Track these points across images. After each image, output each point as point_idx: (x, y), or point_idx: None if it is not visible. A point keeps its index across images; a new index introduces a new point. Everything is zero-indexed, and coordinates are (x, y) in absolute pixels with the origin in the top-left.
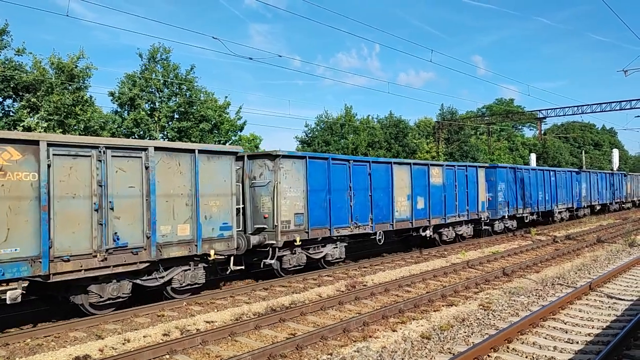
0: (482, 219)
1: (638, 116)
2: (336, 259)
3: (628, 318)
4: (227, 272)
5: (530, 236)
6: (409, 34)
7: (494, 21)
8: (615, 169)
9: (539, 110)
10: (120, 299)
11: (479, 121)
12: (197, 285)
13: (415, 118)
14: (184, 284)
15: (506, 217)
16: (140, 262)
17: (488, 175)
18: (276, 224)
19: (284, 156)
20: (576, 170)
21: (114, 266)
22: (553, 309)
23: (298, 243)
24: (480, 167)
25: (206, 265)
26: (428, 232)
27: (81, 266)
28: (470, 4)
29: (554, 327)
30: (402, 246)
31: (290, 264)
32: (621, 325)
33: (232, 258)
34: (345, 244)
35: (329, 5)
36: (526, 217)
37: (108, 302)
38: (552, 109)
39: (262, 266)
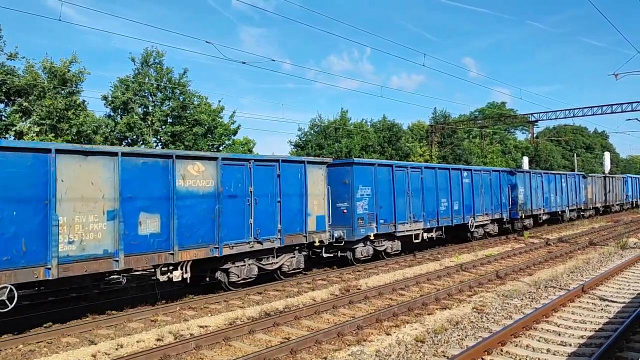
0: (318, 242)
1: (629, 119)
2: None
3: (621, 320)
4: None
5: (524, 239)
6: (402, 38)
7: (487, 25)
8: (607, 171)
9: (532, 114)
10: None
11: (471, 124)
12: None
13: (408, 122)
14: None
15: (371, 236)
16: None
17: (337, 175)
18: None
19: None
20: (510, 170)
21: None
22: (546, 312)
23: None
24: (314, 162)
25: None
26: None
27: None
28: (463, 8)
29: (548, 330)
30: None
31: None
32: (614, 328)
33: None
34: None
35: (322, 9)
36: (417, 234)
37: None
38: (544, 112)
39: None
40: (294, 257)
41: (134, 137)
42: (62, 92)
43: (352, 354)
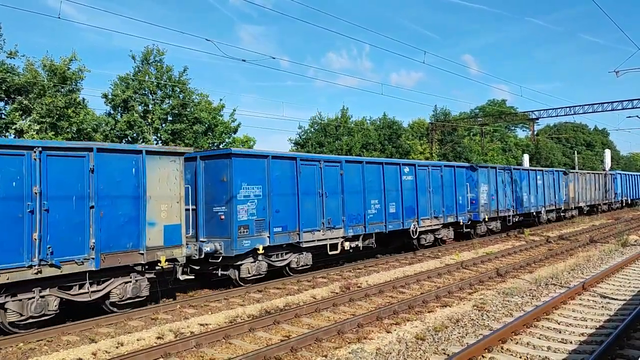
0: (164, 262)
1: (630, 117)
2: (302, 266)
3: (621, 318)
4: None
5: (524, 236)
6: (402, 36)
7: (487, 23)
8: (607, 169)
9: (532, 111)
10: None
11: (472, 122)
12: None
13: (408, 119)
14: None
15: (260, 249)
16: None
17: (214, 171)
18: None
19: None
20: (469, 165)
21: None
22: (547, 309)
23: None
24: (160, 153)
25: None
26: None
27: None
28: (462, 5)
29: (548, 328)
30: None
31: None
32: (614, 325)
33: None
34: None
35: (321, 6)
36: (335, 244)
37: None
38: (544, 110)
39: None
40: (130, 282)
41: (134, 135)
42: (62, 90)
43: (352, 352)
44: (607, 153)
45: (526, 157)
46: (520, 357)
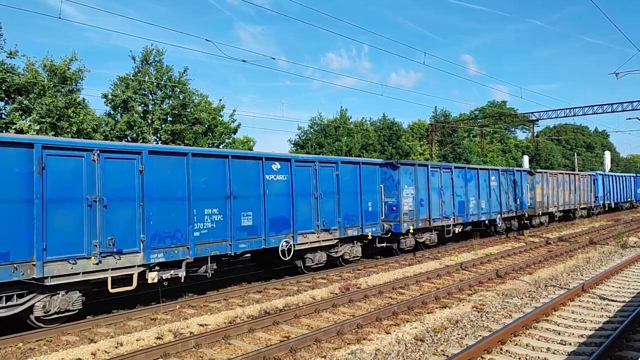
0: None
1: (629, 118)
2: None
3: (621, 319)
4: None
5: (524, 238)
6: (401, 36)
7: (486, 23)
8: (607, 170)
9: (532, 113)
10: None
11: (472, 123)
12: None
13: (408, 120)
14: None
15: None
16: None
17: None
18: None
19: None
20: (382, 162)
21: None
22: (546, 311)
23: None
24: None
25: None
26: None
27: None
28: (462, 6)
29: (547, 329)
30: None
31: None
32: (614, 327)
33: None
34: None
35: (321, 7)
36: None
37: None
38: (544, 111)
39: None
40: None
41: (134, 135)
42: (62, 90)
43: (351, 353)
44: (607, 155)
45: (526, 158)
46: (520, 359)
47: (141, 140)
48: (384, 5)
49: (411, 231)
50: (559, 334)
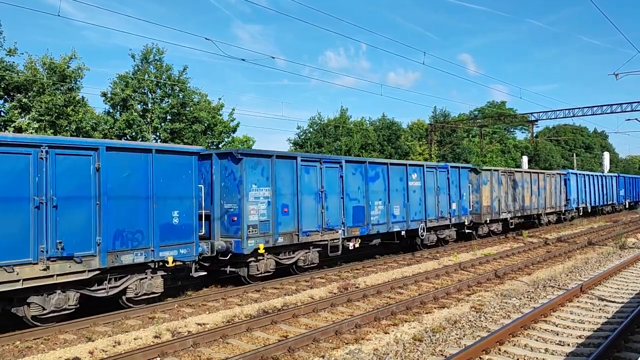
0: None
1: (629, 119)
2: None
3: (619, 320)
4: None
5: (523, 238)
6: (400, 36)
7: (486, 23)
8: (606, 171)
9: (531, 113)
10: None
11: (471, 123)
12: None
13: (407, 120)
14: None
15: None
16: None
17: None
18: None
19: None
20: (230, 151)
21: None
22: (545, 311)
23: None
24: None
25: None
26: None
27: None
28: (461, 6)
29: (546, 329)
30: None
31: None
32: (612, 328)
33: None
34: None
35: (320, 6)
36: None
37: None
38: (544, 112)
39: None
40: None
41: (133, 134)
42: (62, 88)
43: (350, 353)
44: (606, 156)
45: (525, 159)
46: (518, 359)
47: (140, 139)
48: (383, 5)
49: (261, 250)
50: (558, 334)
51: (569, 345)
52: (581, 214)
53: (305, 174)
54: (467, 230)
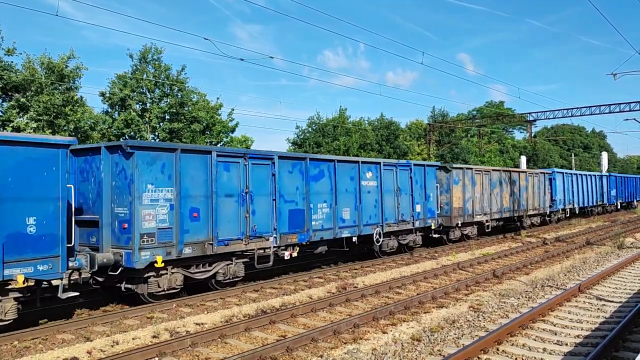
0: None
1: (627, 119)
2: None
3: (617, 320)
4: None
5: (521, 238)
6: (399, 36)
7: (485, 23)
8: (604, 171)
9: (529, 113)
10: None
11: (469, 123)
12: None
13: (406, 120)
14: None
15: None
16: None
17: None
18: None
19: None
20: (104, 144)
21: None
22: (543, 311)
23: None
24: None
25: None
26: None
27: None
28: (461, 6)
29: (544, 329)
30: None
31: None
32: (610, 327)
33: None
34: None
35: (319, 6)
36: None
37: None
38: (542, 111)
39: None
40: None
41: (132, 133)
42: (60, 88)
43: (348, 352)
44: (604, 155)
45: (523, 158)
46: (516, 359)
47: (139, 138)
48: (383, 5)
49: (159, 264)
50: (556, 334)
51: (567, 344)
52: (568, 215)
53: (224, 171)
54: (435, 235)
